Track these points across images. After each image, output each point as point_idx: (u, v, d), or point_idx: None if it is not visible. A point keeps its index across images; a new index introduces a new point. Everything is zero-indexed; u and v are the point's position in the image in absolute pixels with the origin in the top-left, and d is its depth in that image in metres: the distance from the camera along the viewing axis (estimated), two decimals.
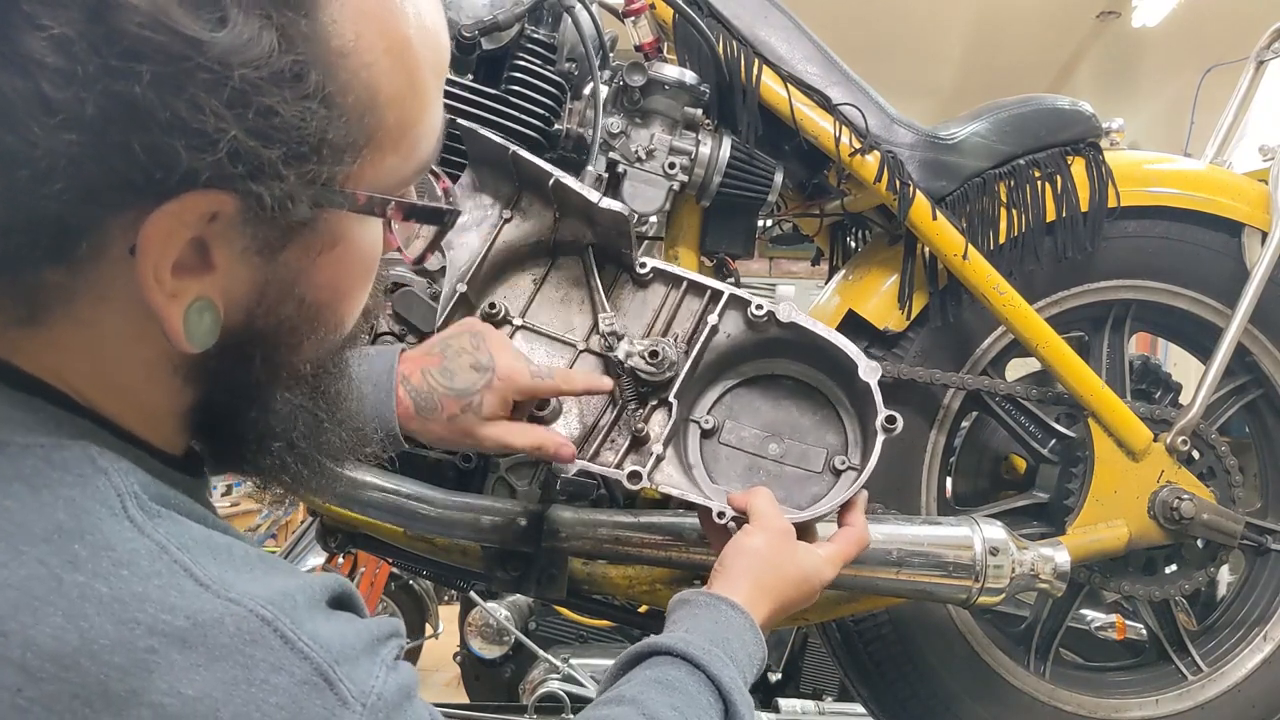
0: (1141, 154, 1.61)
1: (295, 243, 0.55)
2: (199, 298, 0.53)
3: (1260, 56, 1.78)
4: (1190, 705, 1.54)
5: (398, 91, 0.55)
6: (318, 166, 0.52)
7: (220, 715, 0.48)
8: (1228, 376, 1.53)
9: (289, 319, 0.57)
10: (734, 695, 0.80)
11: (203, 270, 0.53)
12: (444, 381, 0.97)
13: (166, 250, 0.51)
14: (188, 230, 0.51)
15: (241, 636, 0.49)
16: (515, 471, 1.24)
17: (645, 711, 0.74)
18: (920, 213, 1.36)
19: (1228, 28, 3.20)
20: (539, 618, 3.09)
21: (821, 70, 1.37)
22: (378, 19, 0.54)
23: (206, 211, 0.51)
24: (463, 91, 1.19)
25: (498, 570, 1.25)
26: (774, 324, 1.09)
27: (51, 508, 0.49)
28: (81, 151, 0.47)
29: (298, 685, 0.50)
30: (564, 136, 1.26)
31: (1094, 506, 1.46)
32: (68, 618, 0.46)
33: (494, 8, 1.19)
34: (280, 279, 0.56)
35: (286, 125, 0.49)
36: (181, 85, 0.47)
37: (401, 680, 0.55)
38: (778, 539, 0.96)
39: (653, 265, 1.12)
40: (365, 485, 1.14)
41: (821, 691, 2.89)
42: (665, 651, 0.81)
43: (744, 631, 0.87)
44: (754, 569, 0.93)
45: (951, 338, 1.44)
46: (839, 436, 1.08)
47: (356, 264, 0.60)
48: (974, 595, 1.21)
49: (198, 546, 0.51)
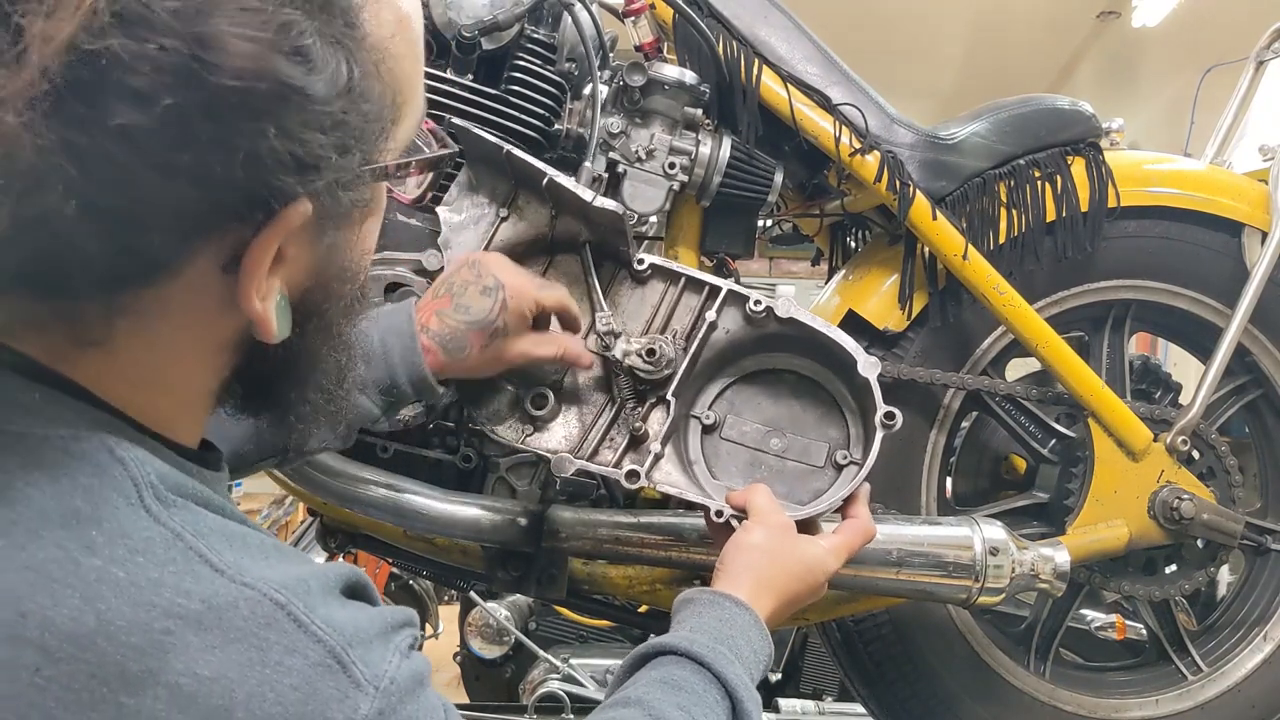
0: (1141, 154, 1.61)
1: (347, 221, 0.60)
2: (280, 293, 0.57)
3: (1260, 56, 1.78)
4: (1190, 705, 1.54)
5: (409, 69, 0.61)
6: (366, 154, 0.57)
7: (235, 696, 0.48)
8: (1228, 376, 1.53)
9: (335, 285, 0.62)
10: (740, 692, 0.80)
11: (278, 266, 0.56)
12: (461, 317, 0.99)
13: (265, 262, 0.54)
14: (279, 240, 0.54)
15: (256, 620, 0.50)
16: (515, 471, 1.24)
17: (651, 712, 0.74)
18: (920, 213, 1.36)
19: (1228, 28, 3.20)
20: (539, 618, 3.09)
21: (821, 70, 1.37)
22: (392, 8, 0.59)
23: (301, 220, 0.54)
24: (463, 91, 1.19)
25: (498, 570, 1.26)
26: (773, 319, 1.09)
27: (70, 495, 0.50)
28: (196, 197, 0.50)
29: (311, 667, 0.51)
30: (564, 136, 1.26)
31: (1094, 506, 1.46)
32: (85, 600, 0.47)
33: (494, 8, 1.19)
34: (334, 256, 0.61)
35: (356, 129, 0.54)
36: (290, 128, 0.50)
37: (415, 667, 0.56)
38: (778, 533, 0.96)
39: (650, 261, 1.12)
40: (365, 485, 1.14)
41: (821, 691, 2.89)
42: (670, 651, 0.81)
43: (749, 628, 0.87)
44: (755, 565, 0.93)
45: (951, 338, 1.44)
46: (841, 431, 1.08)
47: (377, 220, 0.66)
48: (974, 595, 1.21)
49: (213, 534, 0.52)
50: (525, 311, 1.01)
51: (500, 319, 0.99)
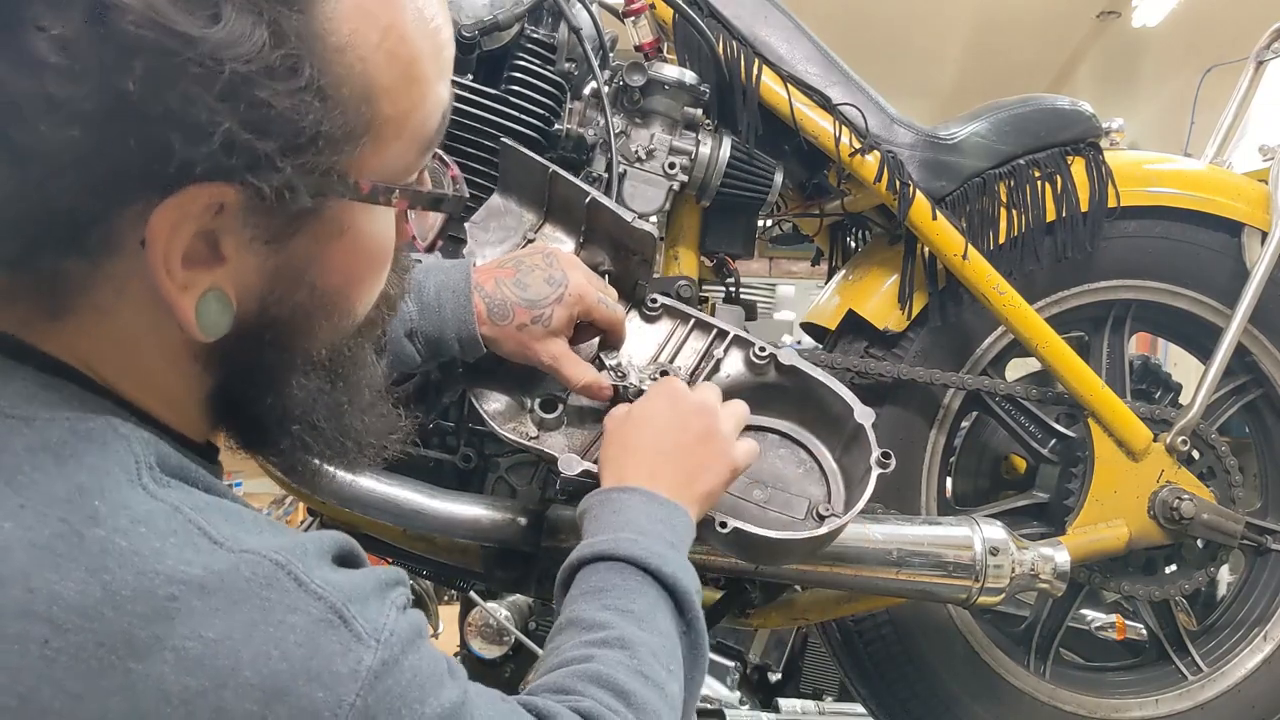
0: (1141, 154, 1.61)
1: (303, 232, 0.56)
2: (211, 288, 0.55)
3: (1260, 56, 1.78)
4: (1190, 705, 1.54)
5: (394, 82, 0.56)
6: (315, 157, 0.53)
7: (241, 655, 0.49)
8: (1228, 376, 1.53)
9: (302, 306, 0.59)
10: (654, 562, 0.80)
11: (214, 262, 0.55)
12: (518, 291, 1.00)
13: (174, 242, 0.52)
14: (193, 223, 0.53)
15: (257, 580, 0.51)
16: (515, 471, 1.24)
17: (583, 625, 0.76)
18: (920, 213, 1.36)
19: (1228, 28, 3.20)
20: (539, 618, 3.09)
21: (821, 70, 1.37)
22: (374, 14, 0.55)
23: (210, 204, 0.52)
24: (463, 92, 1.19)
25: (498, 570, 1.25)
26: (774, 367, 1.11)
27: (75, 474, 0.51)
28: (85, 146, 0.49)
29: (314, 624, 0.51)
30: (564, 136, 1.26)
31: (1094, 506, 1.46)
32: (90, 572, 0.48)
33: (494, 8, 1.19)
34: (291, 267, 0.57)
35: (281, 117, 0.51)
36: (174, 80, 0.48)
37: (412, 620, 0.57)
38: (633, 410, 0.96)
39: (663, 302, 1.15)
40: (365, 485, 1.14)
41: (821, 691, 2.89)
42: (577, 567, 0.82)
43: (643, 506, 0.86)
44: (631, 444, 0.93)
45: (951, 338, 1.44)
46: (821, 489, 1.10)
47: (366, 252, 0.62)
48: (974, 595, 1.21)
49: (209, 508, 0.53)
50: (575, 315, 1.01)
51: (552, 311, 1.00)
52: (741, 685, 2.80)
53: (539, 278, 1.00)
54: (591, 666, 0.72)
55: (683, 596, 0.81)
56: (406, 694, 0.54)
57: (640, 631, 0.76)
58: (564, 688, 0.71)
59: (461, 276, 0.99)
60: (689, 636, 0.81)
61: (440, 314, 0.98)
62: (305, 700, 0.50)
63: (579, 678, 0.71)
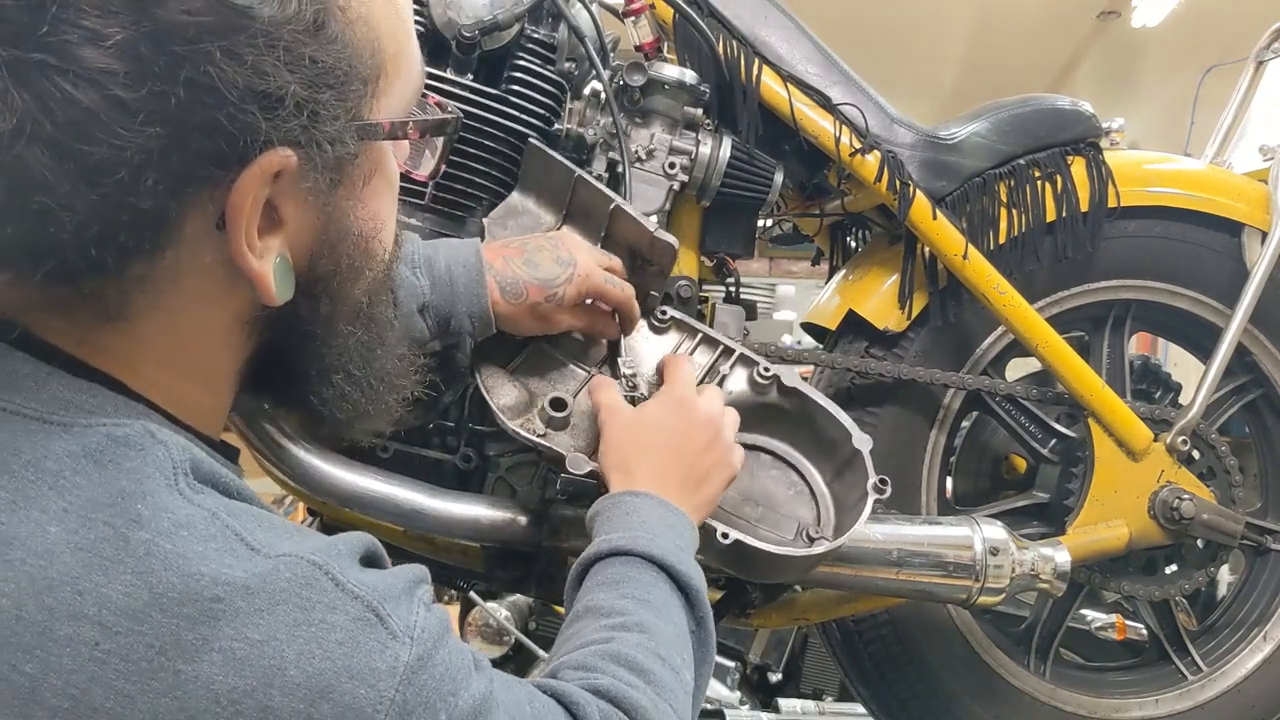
0: (1141, 154, 1.61)
1: (343, 182, 0.60)
2: (279, 254, 0.58)
3: (1260, 56, 1.78)
4: (1190, 705, 1.54)
5: (389, 21, 0.60)
6: (355, 104, 0.58)
7: (285, 655, 0.51)
8: (1228, 376, 1.53)
9: (347, 255, 0.63)
10: (664, 558, 0.82)
11: (277, 227, 0.58)
12: (529, 270, 1.01)
13: (253, 215, 0.55)
14: (265, 191, 0.55)
15: (297, 580, 0.52)
16: (515, 471, 1.24)
17: (601, 611, 0.77)
18: (920, 213, 1.36)
19: (1228, 28, 3.20)
20: (539, 618, 3.09)
21: (821, 70, 1.37)
22: None
23: (277, 169, 0.55)
24: (463, 91, 1.19)
25: (498, 570, 1.25)
26: (776, 388, 1.12)
27: (116, 478, 0.52)
28: (169, 140, 0.51)
29: (353, 622, 0.53)
30: (564, 137, 1.26)
31: (1094, 506, 1.46)
32: (136, 574, 0.49)
33: (494, 7, 1.19)
34: (336, 219, 0.61)
35: (327, 72, 0.55)
36: (243, 54, 0.51)
37: (439, 617, 0.59)
38: (644, 413, 0.98)
39: (672, 315, 1.15)
40: (365, 485, 1.14)
41: (821, 691, 2.89)
42: (593, 561, 0.84)
43: (654, 509, 0.88)
44: (636, 447, 0.95)
45: (952, 338, 1.44)
46: (811, 512, 1.10)
47: (390, 190, 0.66)
48: (974, 595, 1.21)
49: (243, 514, 0.54)
50: (584, 293, 1.03)
51: (563, 290, 1.01)
52: (741, 685, 2.80)
53: (548, 258, 1.02)
54: (612, 646, 0.73)
55: (695, 595, 0.83)
56: (440, 687, 0.55)
57: (658, 619, 0.78)
58: (584, 664, 0.72)
59: (472, 253, 1.00)
60: (699, 634, 0.83)
61: (453, 289, 0.98)
62: (349, 697, 0.51)
63: (599, 656, 0.73)
